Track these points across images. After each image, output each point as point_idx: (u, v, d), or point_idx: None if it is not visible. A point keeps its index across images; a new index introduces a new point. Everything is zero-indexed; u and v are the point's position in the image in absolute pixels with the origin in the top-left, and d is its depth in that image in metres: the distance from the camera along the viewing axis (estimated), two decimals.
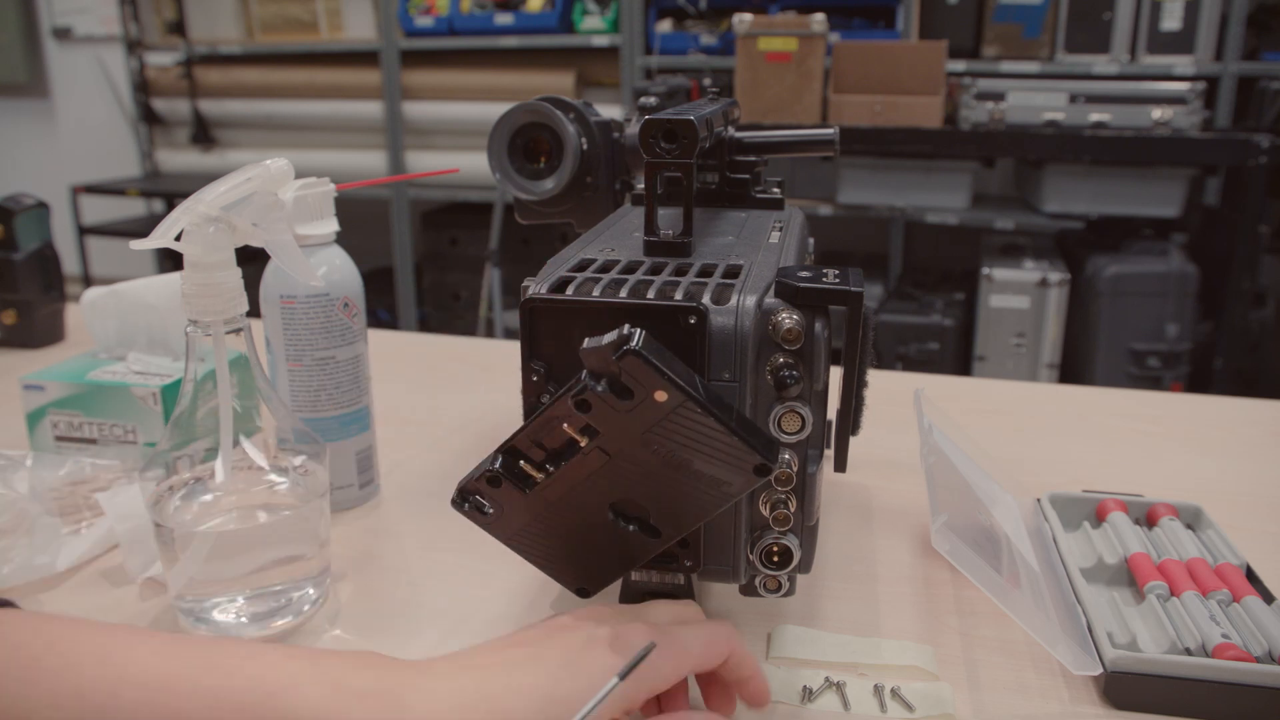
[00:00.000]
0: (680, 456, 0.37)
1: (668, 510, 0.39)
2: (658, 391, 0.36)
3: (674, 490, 0.38)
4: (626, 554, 0.40)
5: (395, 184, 3.01)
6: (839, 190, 2.45)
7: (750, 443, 0.37)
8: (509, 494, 0.40)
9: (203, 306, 0.47)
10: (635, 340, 0.35)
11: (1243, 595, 0.50)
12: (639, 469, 0.38)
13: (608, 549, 0.40)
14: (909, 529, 0.64)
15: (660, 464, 0.38)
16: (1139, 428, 0.82)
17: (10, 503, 0.55)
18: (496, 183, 0.63)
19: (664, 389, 0.36)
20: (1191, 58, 2.35)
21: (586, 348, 0.36)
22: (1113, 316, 2.24)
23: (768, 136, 0.61)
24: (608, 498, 0.39)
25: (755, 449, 0.37)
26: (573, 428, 0.38)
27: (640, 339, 0.35)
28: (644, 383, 0.36)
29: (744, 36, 2.32)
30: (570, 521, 0.40)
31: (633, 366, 0.35)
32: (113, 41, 3.68)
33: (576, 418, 0.37)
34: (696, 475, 0.38)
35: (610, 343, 0.35)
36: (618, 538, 0.40)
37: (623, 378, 0.36)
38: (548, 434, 0.38)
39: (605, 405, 0.36)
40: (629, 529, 0.40)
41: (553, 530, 0.41)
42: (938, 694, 0.46)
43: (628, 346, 0.35)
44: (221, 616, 0.50)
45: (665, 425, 0.37)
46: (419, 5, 2.91)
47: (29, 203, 0.97)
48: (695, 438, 0.37)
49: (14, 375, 0.82)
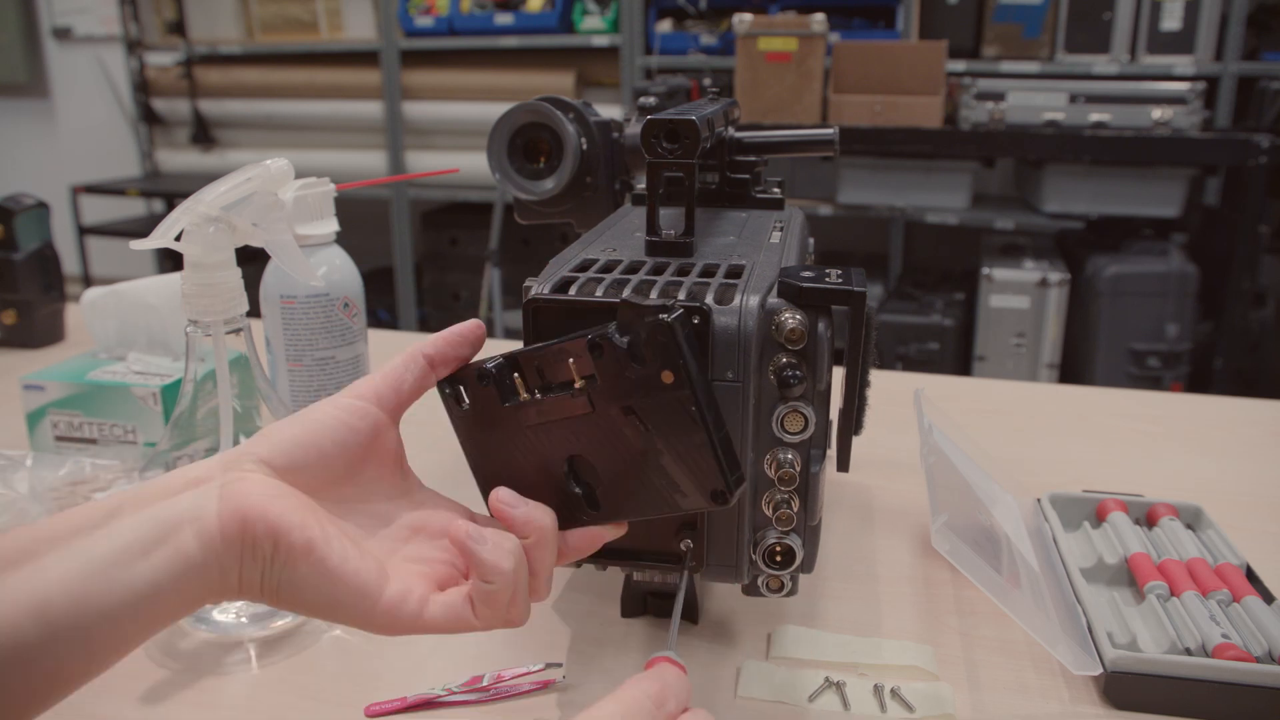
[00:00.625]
0: (653, 444, 0.37)
1: (617, 489, 0.39)
2: (666, 371, 0.36)
3: (632, 473, 0.38)
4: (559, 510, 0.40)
5: (395, 184, 3.01)
6: (839, 190, 2.45)
7: (722, 464, 0.37)
8: (489, 397, 0.40)
9: (203, 306, 0.47)
10: (674, 314, 0.36)
11: (1243, 595, 0.50)
12: (612, 437, 0.38)
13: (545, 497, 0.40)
14: (909, 529, 0.64)
15: (632, 441, 0.38)
16: (1139, 428, 0.82)
17: (10, 503, 0.55)
18: (496, 183, 0.63)
19: (674, 371, 0.36)
20: (1191, 58, 2.35)
21: (628, 299, 0.36)
22: (1113, 316, 2.24)
23: (768, 136, 0.61)
24: (571, 449, 0.39)
25: (723, 473, 0.37)
26: (576, 369, 0.38)
27: (679, 315, 0.36)
28: (661, 355, 0.36)
29: (744, 36, 2.32)
30: (526, 451, 0.40)
31: (660, 335, 0.36)
32: (113, 41, 3.68)
33: (584, 359, 0.37)
34: (659, 470, 0.38)
35: (651, 305, 0.36)
36: (558, 492, 0.40)
37: (645, 342, 0.36)
38: (552, 363, 0.38)
39: (615, 360, 0.37)
40: (574, 490, 0.40)
41: (507, 452, 0.41)
42: (938, 694, 0.46)
43: (664, 316, 0.35)
44: (221, 616, 0.50)
45: (657, 407, 0.37)
46: (419, 5, 2.91)
47: (29, 203, 0.97)
48: (676, 433, 0.37)
49: (14, 375, 0.82)
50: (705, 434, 0.36)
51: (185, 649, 0.50)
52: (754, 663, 0.49)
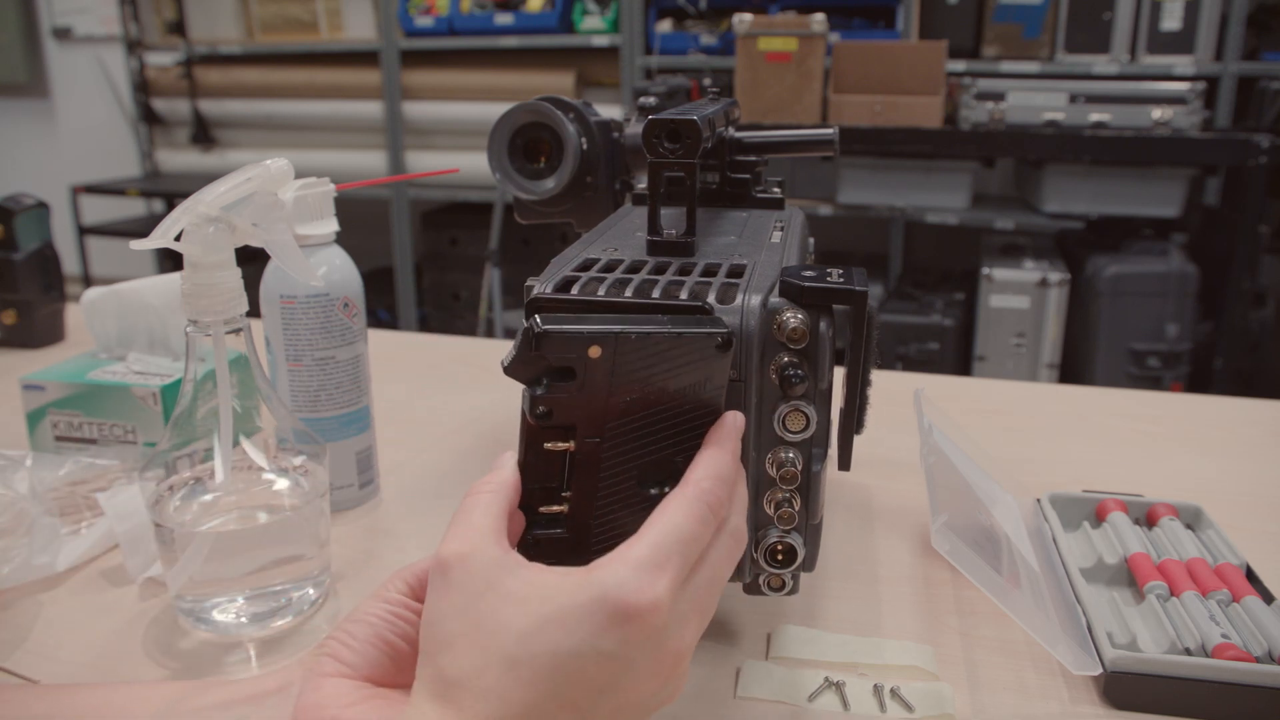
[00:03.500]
0: (654, 389, 0.37)
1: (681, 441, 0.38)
2: (590, 348, 0.35)
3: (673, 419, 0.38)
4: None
5: (395, 184, 3.01)
6: (839, 190, 2.45)
7: (696, 331, 0.36)
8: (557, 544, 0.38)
9: (202, 306, 0.47)
10: (538, 323, 0.35)
11: (1242, 595, 0.50)
12: (633, 427, 0.37)
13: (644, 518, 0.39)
14: (909, 529, 0.64)
15: (645, 409, 0.37)
16: (1139, 428, 0.82)
17: (10, 503, 0.55)
18: (496, 183, 0.63)
19: (592, 343, 0.35)
20: (1191, 58, 2.35)
21: (507, 363, 0.36)
22: (1113, 316, 2.24)
23: (768, 136, 0.61)
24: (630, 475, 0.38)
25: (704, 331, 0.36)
26: (554, 443, 0.37)
27: (540, 319, 0.35)
28: (572, 350, 0.35)
29: (744, 36, 2.32)
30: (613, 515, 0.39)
31: (552, 343, 0.35)
32: (113, 41, 3.68)
33: (549, 431, 0.36)
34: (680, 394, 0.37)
35: (521, 344, 0.35)
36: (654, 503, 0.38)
37: (551, 360, 0.35)
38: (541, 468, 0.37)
39: (560, 398, 0.36)
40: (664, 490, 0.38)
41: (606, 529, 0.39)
42: (938, 694, 0.46)
43: (536, 331, 0.35)
44: (221, 616, 0.50)
45: (619, 374, 0.36)
46: (419, 5, 2.91)
47: (29, 203, 0.97)
48: (650, 363, 0.36)
49: (14, 375, 0.82)
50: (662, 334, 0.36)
51: (185, 649, 0.50)
52: (754, 662, 0.49)
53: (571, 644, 0.31)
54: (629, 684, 0.33)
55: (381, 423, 0.77)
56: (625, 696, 0.33)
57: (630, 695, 0.33)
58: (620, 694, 0.33)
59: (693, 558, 0.34)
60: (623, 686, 0.32)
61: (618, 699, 0.33)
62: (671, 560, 0.33)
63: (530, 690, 0.31)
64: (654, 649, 0.33)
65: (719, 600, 0.37)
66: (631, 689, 0.33)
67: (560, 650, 0.31)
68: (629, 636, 0.32)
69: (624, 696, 0.33)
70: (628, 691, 0.33)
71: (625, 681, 0.32)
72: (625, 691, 0.33)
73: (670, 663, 0.34)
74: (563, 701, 0.31)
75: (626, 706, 0.33)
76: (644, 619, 0.32)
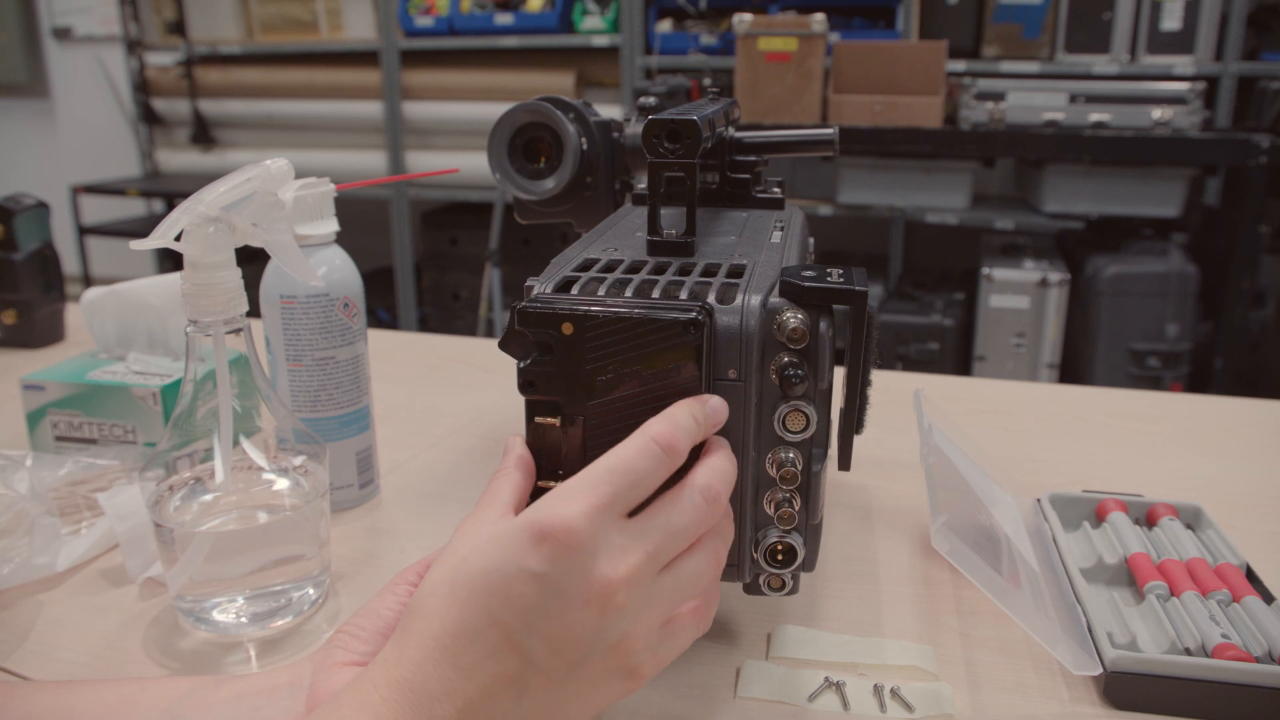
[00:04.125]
0: (631, 371, 0.39)
1: None
2: (564, 325, 0.39)
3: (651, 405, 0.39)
4: None
5: (395, 184, 3.01)
6: (839, 190, 2.45)
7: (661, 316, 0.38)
8: None
9: (202, 306, 0.47)
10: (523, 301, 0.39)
11: (1242, 595, 0.50)
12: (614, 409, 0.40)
13: None
14: (909, 529, 0.64)
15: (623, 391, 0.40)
16: (1139, 428, 0.82)
17: (10, 503, 0.55)
18: (496, 183, 0.63)
19: (564, 320, 0.39)
20: (1191, 58, 2.35)
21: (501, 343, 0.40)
22: (1113, 316, 2.24)
23: (768, 136, 0.61)
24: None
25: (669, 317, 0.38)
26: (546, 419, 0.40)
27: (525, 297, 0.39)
28: (548, 326, 0.39)
29: (744, 36, 2.32)
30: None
31: (528, 319, 0.39)
32: (113, 41, 3.68)
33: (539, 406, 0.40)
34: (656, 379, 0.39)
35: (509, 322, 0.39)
36: None
37: (531, 336, 0.39)
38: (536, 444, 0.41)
39: (541, 370, 0.39)
40: None
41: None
42: (938, 694, 0.46)
43: (517, 308, 0.39)
44: (221, 616, 0.50)
45: (591, 351, 0.39)
46: (419, 5, 2.91)
47: (29, 203, 0.97)
48: (621, 343, 0.39)
49: (14, 375, 0.82)
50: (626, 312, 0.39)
51: (185, 649, 0.50)
52: (754, 662, 0.49)
53: (497, 562, 0.34)
54: (557, 609, 0.33)
55: (381, 423, 0.77)
56: (557, 626, 0.34)
57: (562, 626, 0.34)
58: (550, 621, 0.33)
59: (627, 486, 0.35)
60: (551, 611, 0.33)
61: (549, 627, 0.33)
62: (598, 487, 0.35)
63: (463, 608, 0.33)
64: (577, 571, 0.34)
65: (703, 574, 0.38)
66: (561, 616, 0.33)
67: (489, 568, 0.34)
68: (550, 555, 0.33)
69: (556, 626, 0.33)
70: (558, 619, 0.33)
71: (553, 605, 0.33)
72: (555, 619, 0.33)
73: (600, 591, 0.34)
74: (493, 619, 0.33)
75: (563, 644, 0.34)
76: (559, 537, 0.33)
